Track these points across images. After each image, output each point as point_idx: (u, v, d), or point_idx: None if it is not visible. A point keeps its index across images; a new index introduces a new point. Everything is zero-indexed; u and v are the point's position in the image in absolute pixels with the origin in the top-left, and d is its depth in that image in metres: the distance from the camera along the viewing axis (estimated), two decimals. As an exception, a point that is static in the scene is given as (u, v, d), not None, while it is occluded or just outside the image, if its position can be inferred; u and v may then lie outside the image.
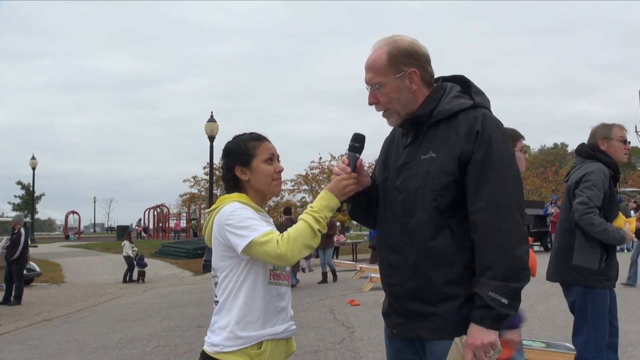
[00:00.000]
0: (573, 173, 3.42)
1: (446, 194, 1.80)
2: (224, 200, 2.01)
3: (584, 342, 3.22)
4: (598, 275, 3.21)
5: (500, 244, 1.71)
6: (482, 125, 1.80)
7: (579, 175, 3.32)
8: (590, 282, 3.20)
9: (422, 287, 1.82)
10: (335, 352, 5.59)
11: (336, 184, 1.91)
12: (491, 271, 1.70)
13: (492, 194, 1.75)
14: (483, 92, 1.96)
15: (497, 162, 1.77)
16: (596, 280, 3.21)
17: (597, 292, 3.21)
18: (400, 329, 1.91)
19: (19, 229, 11.10)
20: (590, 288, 3.20)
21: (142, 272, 15.57)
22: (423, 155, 1.87)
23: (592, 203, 3.16)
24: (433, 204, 1.80)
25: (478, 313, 1.71)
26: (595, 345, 3.19)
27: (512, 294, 1.69)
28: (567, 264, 3.27)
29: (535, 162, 45.49)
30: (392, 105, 1.93)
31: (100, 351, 6.42)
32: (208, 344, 1.96)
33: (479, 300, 1.71)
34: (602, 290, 3.23)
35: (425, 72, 1.94)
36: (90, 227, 79.43)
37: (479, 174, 1.77)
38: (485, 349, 1.70)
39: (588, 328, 3.21)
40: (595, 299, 3.20)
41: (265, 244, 1.84)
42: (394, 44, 1.91)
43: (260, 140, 2.10)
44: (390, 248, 1.92)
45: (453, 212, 1.80)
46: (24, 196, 51.48)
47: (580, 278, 3.21)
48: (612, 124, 3.46)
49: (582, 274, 3.21)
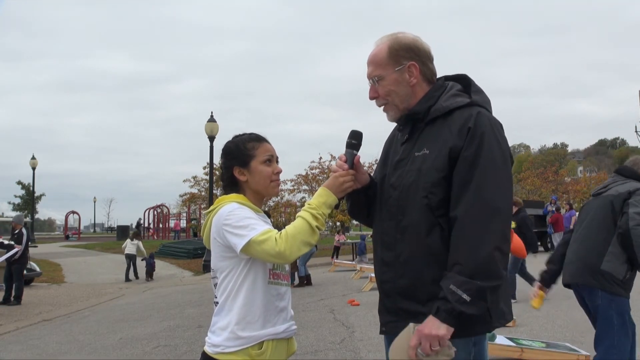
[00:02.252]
0: (615, 186, 3.47)
1: (437, 190, 1.79)
2: (222, 201, 2.00)
3: (608, 347, 3.27)
4: (622, 284, 3.28)
5: (473, 243, 1.69)
6: (475, 122, 1.79)
7: (629, 187, 3.37)
8: (616, 289, 3.26)
9: (413, 285, 1.82)
10: (335, 352, 5.59)
11: (334, 180, 1.91)
12: (459, 266, 1.69)
13: (475, 192, 1.72)
14: (483, 92, 1.96)
15: (486, 161, 1.75)
16: (621, 288, 3.28)
17: (622, 300, 3.28)
18: (389, 327, 1.92)
19: (20, 228, 11.08)
20: (616, 295, 3.26)
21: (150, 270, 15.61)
22: (417, 152, 1.88)
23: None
24: (425, 202, 1.80)
25: (436, 304, 1.69)
26: (619, 352, 3.24)
27: (474, 291, 1.65)
28: (594, 268, 3.30)
29: (535, 162, 45.49)
30: (390, 99, 1.94)
31: (100, 351, 6.42)
32: (209, 344, 1.96)
33: (440, 292, 1.70)
34: (626, 299, 3.30)
35: (426, 67, 1.95)
36: (90, 227, 79.40)
37: (466, 171, 1.75)
38: (432, 341, 1.67)
39: (612, 335, 3.26)
40: (620, 306, 3.27)
41: (264, 243, 1.84)
42: (396, 39, 1.94)
43: (260, 141, 2.10)
44: (384, 245, 1.93)
45: (444, 210, 1.79)
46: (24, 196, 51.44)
47: (607, 284, 3.26)
48: None
49: (609, 280, 3.26)
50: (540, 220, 19.97)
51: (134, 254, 15.77)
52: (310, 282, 12.24)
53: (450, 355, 1.71)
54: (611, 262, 3.27)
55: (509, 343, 4.84)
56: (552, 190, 32.17)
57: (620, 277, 3.26)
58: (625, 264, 3.27)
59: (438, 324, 1.68)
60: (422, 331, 1.69)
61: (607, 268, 3.26)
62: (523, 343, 4.86)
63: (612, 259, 3.27)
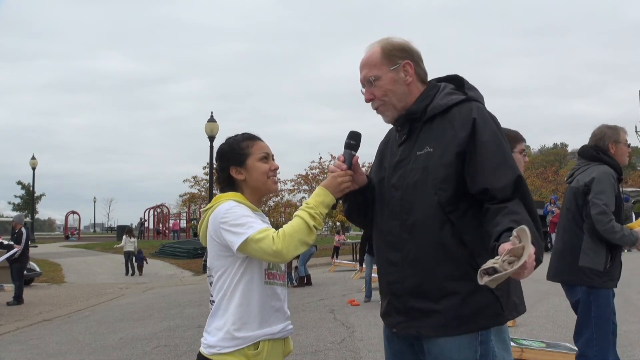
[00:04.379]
0: (578, 175, 3.41)
1: (446, 186, 1.80)
2: (220, 199, 2.00)
3: (586, 340, 3.23)
4: (603, 275, 3.21)
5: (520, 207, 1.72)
6: (478, 113, 1.83)
7: (586, 177, 3.31)
8: (595, 282, 3.21)
9: (423, 283, 1.81)
10: (335, 352, 5.58)
11: (331, 180, 1.91)
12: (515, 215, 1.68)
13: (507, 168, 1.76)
14: (476, 88, 1.98)
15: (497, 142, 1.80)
16: (601, 280, 3.22)
17: (600, 292, 3.22)
18: (400, 327, 1.89)
19: (20, 228, 11.09)
20: (595, 288, 3.21)
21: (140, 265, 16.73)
22: (419, 151, 1.88)
23: (609, 210, 3.18)
24: (435, 198, 1.80)
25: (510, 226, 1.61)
26: (598, 345, 3.20)
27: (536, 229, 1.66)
28: (572, 264, 3.27)
29: (535, 162, 45.50)
30: (388, 98, 1.94)
31: (100, 351, 6.41)
32: (204, 345, 1.96)
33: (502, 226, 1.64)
34: (606, 290, 3.24)
35: (419, 68, 1.97)
36: (90, 227, 79.41)
37: (481, 152, 1.78)
38: None
39: (591, 327, 3.22)
40: (598, 298, 3.21)
41: (261, 241, 1.83)
42: (388, 40, 1.96)
43: (253, 139, 2.10)
44: (388, 245, 1.91)
45: (454, 206, 1.79)
46: (24, 196, 51.54)
47: (586, 278, 3.22)
48: (618, 127, 3.47)
49: (588, 274, 3.21)
50: (540, 220, 20.01)
51: (132, 250, 16.84)
52: (310, 282, 12.24)
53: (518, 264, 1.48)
54: (588, 257, 3.21)
55: (508, 343, 4.83)
56: (552, 190, 32.15)
57: (601, 268, 3.19)
58: (603, 253, 3.20)
59: None
60: None
61: (586, 263, 3.21)
62: (523, 343, 4.85)
63: (588, 252, 3.22)
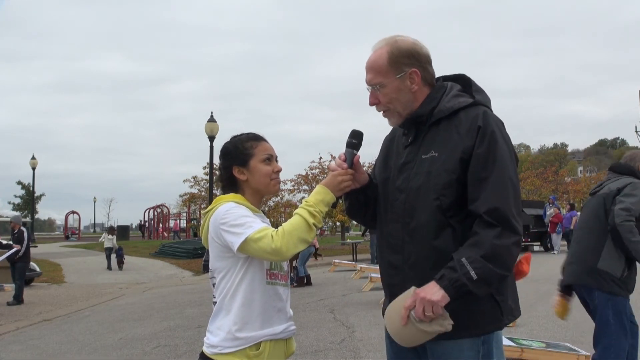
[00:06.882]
0: (609, 184, 3.50)
1: (448, 192, 1.79)
2: (220, 201, 2.00)
3: (605, 347, 3.30)
4: (620, 282, 3.29)
5: (494, 233, 1.70)
6: (483, 121, 1.80)
7: (619, 184, 3.39)
8: (614, 288, 3.27)
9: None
10: (335, 352, 5.58)
11: (332, 178, 1.91)
12: (477, 248, 1.70)
13: (495, 186, 1.74)
14: (484, 91, 1.96)
15: (499, 157, 1.77)
16: (619, 288, 3.29)
17: (620, 300, 3.29)
18: None
19: (19, 228, 11.08)
20: (613, 295, 3.27)
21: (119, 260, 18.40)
22: (424, 155, 1.87)
23: (634, 212, 3.24)
24: (435, 203, 1.80)
25: (442, 271, 1.70)
26: (615, 352, 3.27)
27: (485, 274, 1.67)
28: (591, 267, 3.32)
29: (535, 162, 45.47)
30: (392, 106, 1.92)
31: (100, 351, 6.41)
32: (207, 345, 1.96)
33: (450, 261, 1.71)
34: (624, 298, 3.31)
35: (426, 72, 1.93)
36: (90, 227, 79.38)
37: (482, 167, 1.76)
38: (426, 306, 1.67)
39: (610, 334, 3.28)
40: (617, 305, 3.28)
41: (260, 240, 1.83)
42: (395, 44, 1.90)
43: (258, 140, 2.09)
44: (390, 248, 1.92)
45: (455, 211, 1.79)
46: (24, 196, 51.53)
47: (605, 283, 3.28)
48: None
49: (606, 279, 3.27)
50: (540, 220, 20.02)
51: (111, 247, 18.33)
52: (310, 282, 12.23)
53: (445, 327, 1.69)
54: (607, 260, 3.28)
55: (508, 343, 4.83)
56: (552, 190, 32.15)
57: (618, 274, 3.27)
58: (621, 261, 3.28)
59: (437, 290, 1.68)
60: (419, 294, 1.70)
61: (604, 266, 3.28)
62: (523, 343, 4.86)
63: (607, 257, 3.29)
